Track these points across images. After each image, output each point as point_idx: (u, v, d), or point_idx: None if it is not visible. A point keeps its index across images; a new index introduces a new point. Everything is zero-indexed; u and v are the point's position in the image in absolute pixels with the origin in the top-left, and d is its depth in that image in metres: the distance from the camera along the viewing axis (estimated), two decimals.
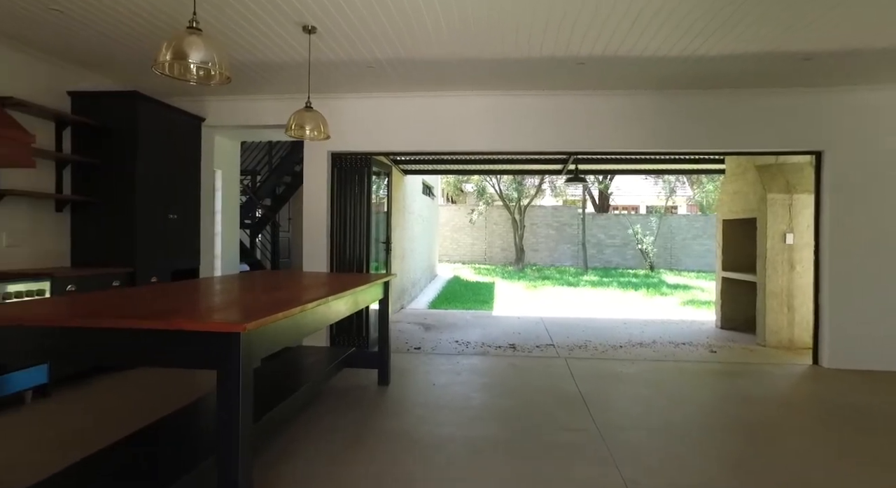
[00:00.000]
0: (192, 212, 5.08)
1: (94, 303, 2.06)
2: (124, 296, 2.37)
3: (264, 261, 9.07)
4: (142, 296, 2.29)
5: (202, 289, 2.69)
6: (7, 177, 3.80)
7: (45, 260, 4.12)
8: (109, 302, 2.10)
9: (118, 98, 4.32)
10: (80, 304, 2.02)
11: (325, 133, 3.44)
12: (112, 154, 4.32)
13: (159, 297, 2.28)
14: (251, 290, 2.72)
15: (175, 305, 2.00)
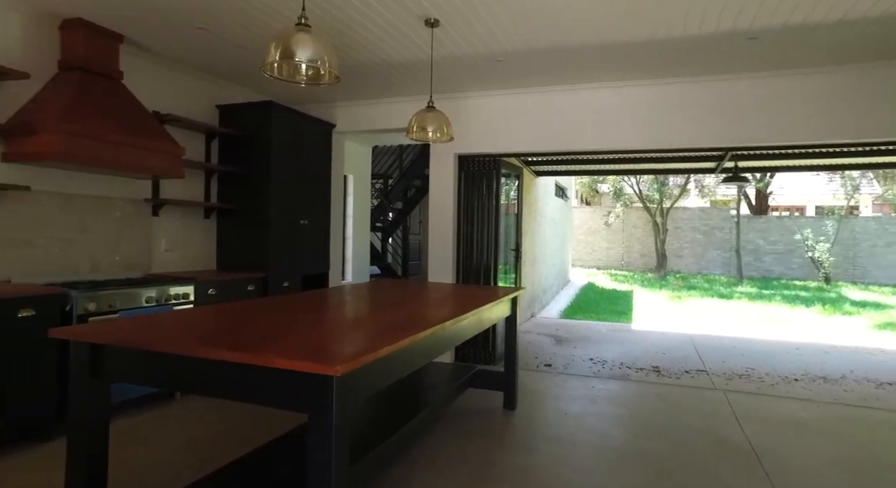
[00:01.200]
0: (322, 217, 5.17)
1: (194, 322, 1.98)
2: (237, 311, 2.29)
3: (395, 264, 9.22)
4: (250, 316, 2.18)
5: (315, 306, 2.56)
6: (165, 188, 4.11)
7: (195, 263, 4.41)
8: (212, 322, 2.01)
9: (255, 108, 4.49)
10: (176, 323, 1.94)
11: (449, 134, 3.18)
12: (250, 162, 4.50)
13: (269, 314, 2.16)
14: (368, 308, 2.53)
15: (275, 330, 1.83)
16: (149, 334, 1.66)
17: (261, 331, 1.78)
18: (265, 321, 2.00)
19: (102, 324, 1.78)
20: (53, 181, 3.35)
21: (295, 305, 2.47)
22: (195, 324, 1.91)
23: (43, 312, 2.79)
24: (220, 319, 2.04)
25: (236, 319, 2.05)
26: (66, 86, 3.20)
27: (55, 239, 3.35)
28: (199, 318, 2.03)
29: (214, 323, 1.96)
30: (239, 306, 2.42)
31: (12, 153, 3.06)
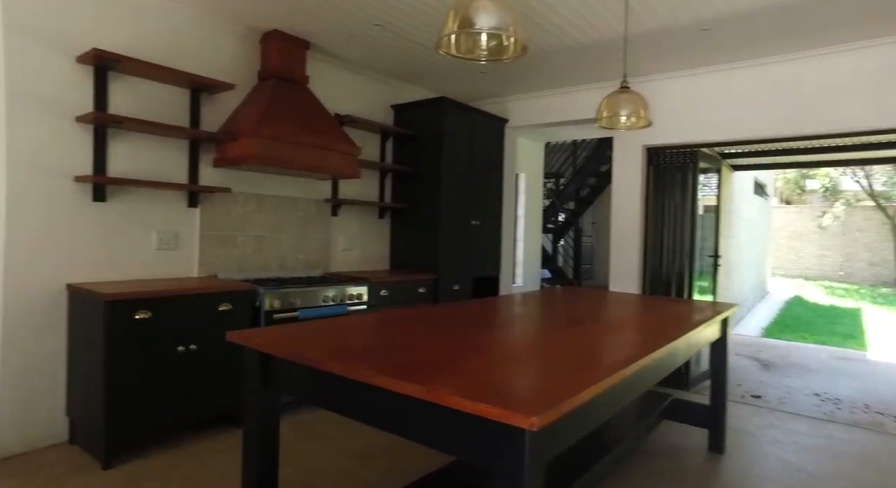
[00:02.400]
0: (493, 218, 4.93)
1: (364, 334, 1.79)
2: (407, 322, 2.09)
3: (566, 267, 8.70)
4: (422, 330, 1.95)
5: (490, 318, 2.26)
6: (343, 189, 4.22)
7: (370, 262, 4.48)
8: (381, 334, 1.81)
9: (428, 105, 4.41)
10: (345, 335, 1.76)
11: (646, 118, 2.66)
12: (422, 161, 4.43)
13: (442, 328, 1.92)
14: (551, 324, 2.16)
15: (449, 352, 1.56)
16: (315, 349, 1.50)
17: (434, 353, 1.52)
18: (439, 337, 1.75)
19: (274, 332, 1.67)
20: (249, 183, 3.58)
21: (468, 316, 2.20)
22: (365, 337, 1.73)
23: (238, 307, 2.94)
24: (389, 332, 1.85)
25: (407, 333, 1.84)
26: (262, 93, 3.39)
27: (251, 237, 3.59)
28: (369, 329, 1.87)
29: (384, 336, 1.76)
30: (409, 315, 2.23)
31: (220, 158, 3.32)
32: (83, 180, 2.76)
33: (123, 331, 2.50)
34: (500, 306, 2.60)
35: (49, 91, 2.69)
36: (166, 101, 3.14)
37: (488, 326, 2.02)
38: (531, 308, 2.59)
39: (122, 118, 2.72)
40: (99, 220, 2.88)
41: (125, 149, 2.97)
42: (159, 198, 3.13)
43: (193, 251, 3.29)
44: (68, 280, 2.78)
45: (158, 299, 2.61)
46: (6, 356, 2.61)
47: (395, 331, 1.83)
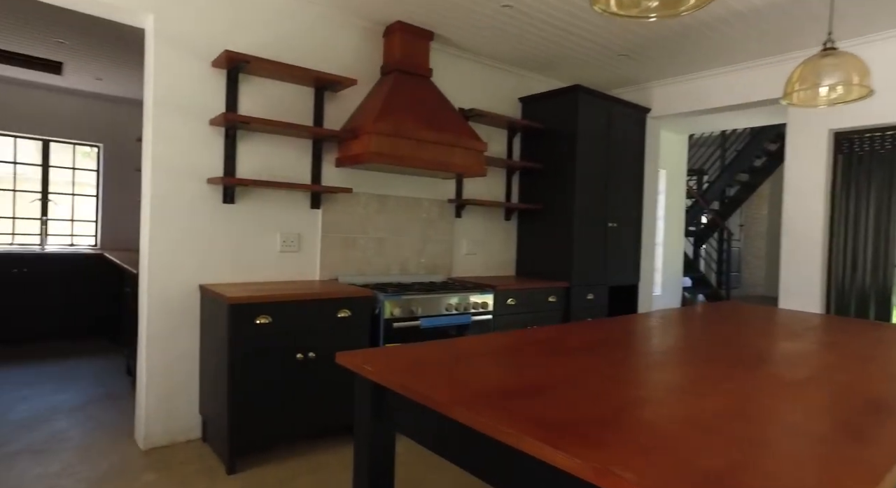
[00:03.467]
0: (632, 219, 4.37)
1: (498, 363, 1.46)
2: (546, 345, 1.72)
3: (708, 273, 7.71)
4: (565, 360, 1.57)
5: (651, 345, 1.81)
6: (467, 188, 3.96)
7: (494, 268, 4.17)
8: (519, 364, 1.46)
9: (560, 96, 3.98)
10: (472, 363, 1.44)
11: (866, 87, 2.01)
12: (553, 157, 4.02)
13: (586, 358, 1.52)
14: (744, 357, 1.67)
15: (606, 398, 1.17)
16: (438, 385, 1.20)
17: (592, 399, 1.14)
18: (594, 373, 1.36)
19: (389, 355, 1.41)
20: (371, 183, 3.45)
21: (622, 340, 1.78)
22: (499, 368, 1.40)
23: (357, 314, 2.78)
24: (528, 362, 1.50)
25: (550, 364, 1.48)
26: (382, 88, 3.23)
27: (372, 239, 3.45)
28: (503, 355, 1.53)
29: (522, 368, 1.42)
30: (549, 338, 1.86)
31: (341, 158, 3.22)
32: (214, 182, 2.77)
33: (245, 335, 2.44)
34: (656, 327, 2.12)
35: (188, 96, 2.73)
36: (291, 100, 3.09)
37: (655, 357, 1.59)
38: (701, 331, 2.08)
39: (251, 118, 2.68)
40: (228, 222, 2.89)
41: (252, 151, 2.96)
42: (283, 200, 3.08)
43: (315, 253, 3.22)
44: (201, 280, 2.81)
45: (278, 304, 2.52)
46: (150, 351, 2.68)
47: (535, 359, 1.48)
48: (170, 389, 2.75)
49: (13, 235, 5.51)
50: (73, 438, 2.84)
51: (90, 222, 5.87)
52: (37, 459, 2.60)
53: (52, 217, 5.67)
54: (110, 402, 3.39)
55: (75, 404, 3.35)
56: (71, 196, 5.77)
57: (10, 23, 3.75)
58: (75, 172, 5.78)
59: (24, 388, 3.63)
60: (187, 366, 2.80)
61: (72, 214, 5.78)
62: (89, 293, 5.24)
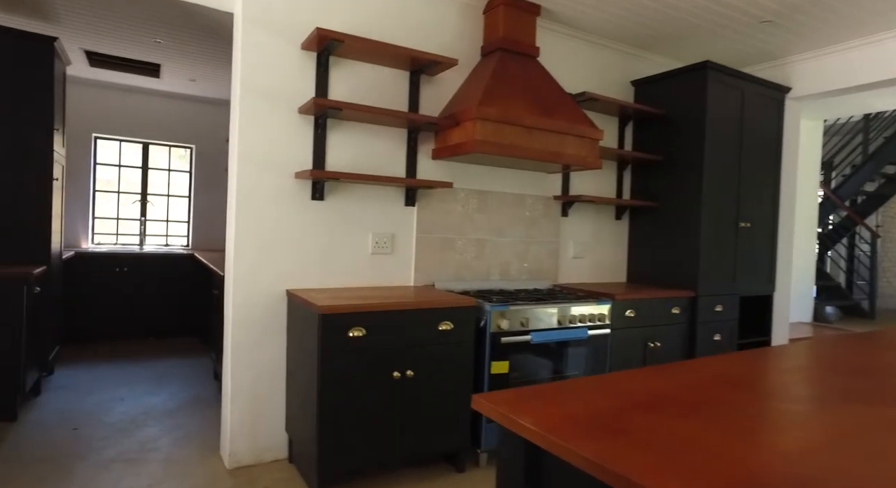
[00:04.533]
0: (767, 218, 3.72)
1: (685, 406, 1.02)
2: (741, 384, 1.26)
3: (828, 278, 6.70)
4: (770, 404, 1.11)
5: (876, 386, 1.29)
6: (574, 183, 3.51)
7: (603, 273, 3.68)
8: (710, 412, 1.02)
9: (683, 76, 3.42)
10: (646, 407, 1.01)
11: None
12: (673, 147, 3.47)
13: (806, 406, 1.05)
14: None
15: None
16: (647, 461, 0.79)
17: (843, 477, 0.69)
18: (828, 435, 0.90)
19: (539, 400, 1.02)
20: (470, 178, 3.09)
21: (828, 379, 1.27)
22: (726, 435, 0.97)
23: (460, 326, 2.42)
24: (726, 409, 1.05)
25: (760, 418, 1.02)
26: (485, 69, 2.86)
27: (471, 241, 3.09)
28: (705, 404, 1.09)
29: (756, 432, 0.98)
30: (736, 372, 1.39)
31: (439, 149, 2.88)
32: (303, 176, 2.51)
33: (337, 349, 2.14)
34: (857, 355, 1.58)
35: (276, 82, 2.50)
36: (384, 85, 2.79)
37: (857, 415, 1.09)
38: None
39: (344, 104, 2.39)
40: (317, 220, 2.63)
41: (341, 142, 2.69)
42: (375, 196, 2.79)
43: (409, 256, 2.90)
44: (288, 285, 2.56)
45: (374, 314, 2.21)
46: (235, 363, 2.47)
47: (732, 407, 1.03)
48: (255, 404, 2.52)
49: (117, 235, 5.68)
50: (163, 448, 2.69)
51: (183, 223, 5.96)
52: (128, 469, 2.46)
53: (150, 218, 5.81)
54: (198, 409, 3.26)
55: (166, 409, 3.24)
56: (166, 197, 5.89)
57: (109, 24, 3.76)
58: (170, 174, 5.89)
59: (122, 388, 3.60)
60: (273, 379, 2.56)
61: (167, 215, 5.90)
62: (182, 293, 5.28)
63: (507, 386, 2.53)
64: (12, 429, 2.89)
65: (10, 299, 2.98)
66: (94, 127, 5.39)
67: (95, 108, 5.36)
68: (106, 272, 4.99)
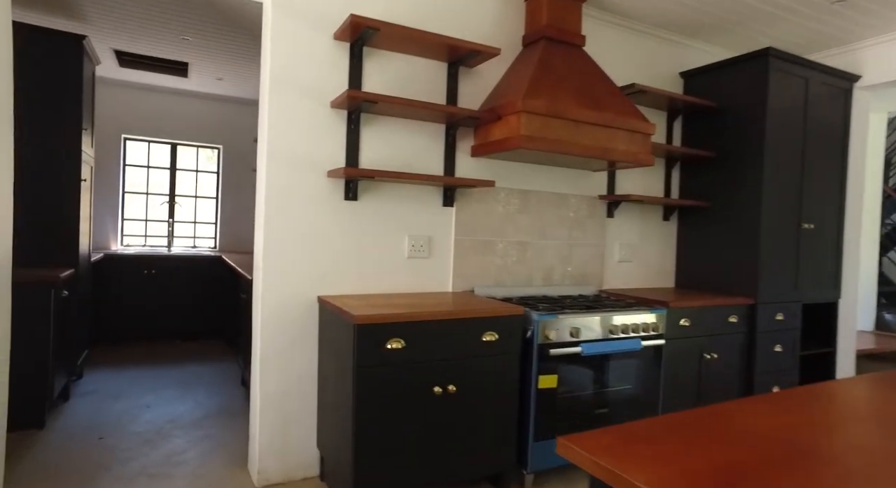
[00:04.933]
0: (832, 219, 3.42)
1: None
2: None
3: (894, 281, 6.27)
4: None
5: None
6: (620, 181, 3.27)
7: (650, 278, 3.44)
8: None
9: (741, 64, 3.16)
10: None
11: None
12: (728, 143, 3.21)
13: None
14: None
15: None
16: None
17: None
18: None
19: (646, 443, 0.81)
20: (510, 176, 2.89)
21: None
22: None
23: (505, 337, 2.23)
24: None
25: None
26: (528, 59, 2.66)
27: (512, 243, 2.89)
28: (825, 439, 0.88)
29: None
30: (834, 396, 1.16)
31: (479, 146, 2.69)
32: (335, 175, 2.35)
33: (374, 362, 1.97)
34: None
35: (307, 75, 2.34)
36: (420, 78, 2.61)
37: None
38: None
39: (380, 96, 2.22)
40: (350, 222, 2.47)
41: (375, 139, 2.52)
42: (411, 196, 2.61)
43: (447, 260, 2.71)
44: (320, 291, 2.40)
45: (413, 325, 2.03)
46: (264, 374, 2.32)
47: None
48: (285, 417, 2.36)
49: (145, 237, 5.65)
50: (189, 462, 2.56)
51: (210, 224, 5.90)
52: (153, 484, 2.33)
53: (177, 219, 5.76)
54: (225, 418, 3.13)
55: (193, 418, 3.12)
56: (193, 198, 5.83)
57: (137, 22, 3.67)
58: (198, 175, 5.83)
59: (148, 394, 3.50)
60: (304, 391, 2.40)
61: (194, 216, 5.84)
62: (208, 295, 5.21)
63: (554, 401, 2.33)
64: (40, 437, 2.80)
65: (38, 304, 2.90)
66: (124, 128, 5.35)
67: (124, 108, 5.33)
68: (134, 274, 4.94)
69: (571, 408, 2.38)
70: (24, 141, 3.14)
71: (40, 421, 2.94)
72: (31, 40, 3.17)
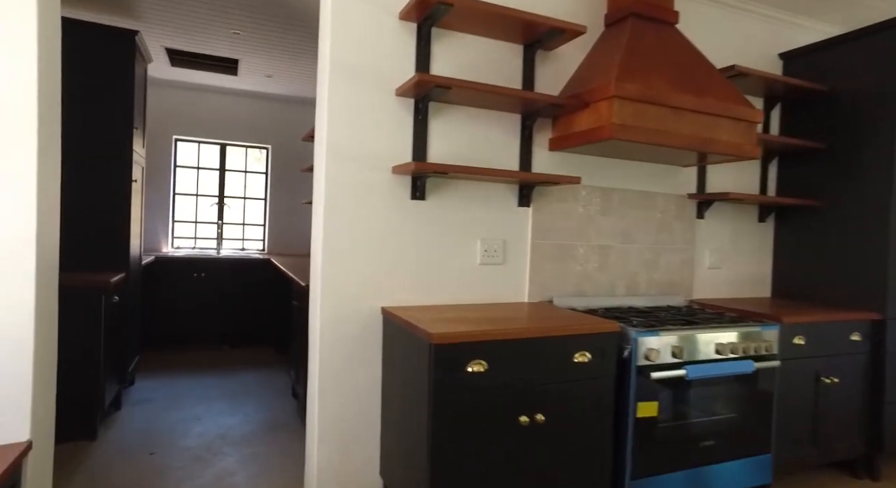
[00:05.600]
0: None
1: None
2: None
3: None
4: None
5: None
6: (711, 177, 2.90)
7: (740, 288, 3.04)
8: None
9: (863, 40, 2.73)
10: None
11: None
12: (843, 132, 2.79)
13: None
14: None
15: None
16: None
17: None
18: None
19: None
20: (592, 172, 2.57)
21: None
22: None
23: (599, 357, 1.92)
24: None
25: None
26: (615, 39, 2.34)
27: (594, 248, 2.57)
28: None
29: None
30: None
31: (559, 138, 2.39)
32: (403, 171, 2.09)
33: (453, 387, 1.69)
34: None
35: (370, 59, 2.10)
36: (493, 62, 2.33)
37: None
38: None
39: (454, 81, 1.95)
40: (418, 223, 2.21)
41: (444, 131, 2.25)
42: (483, 195, 2.33)
43: (523, 266, 2.42)
44: (383, 300, 2.15)
45: (497, 344, 1.74)
46: (322, 393, 2.08)
47: None
48: (345, 441, 2.12)
49: (195, 239, 5.58)
50: (239, 485, 2.36)
51: (258, 226, 5.79)
52: None
53: (227, 221, 5.67)
54: (277, 435, 2.93)
55: (243, 433, 2.94)
56: (242, 199, 5.74)
57: (187, 17, 3.54)
58: (246, 176, 5.74)
59: (198, 405, 3.35)
60: (366, 412, 2.15)
61: (243, 218, 5.74)
62: (256, 299, 5.08)
63: (654, 433, 2.00)
64: (91, 450, 2.67)
65: (88, 311, 2.77)
66: (175, 129, 5.30)
67: (176, 109, 5.27)
68: (184, 277, 4.86)
69: (672, 441, 2.05)
70: (75, 139, 3.03)
71: (92, 433, 2.82)
72: (82, 37, 3.06)
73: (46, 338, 1.67)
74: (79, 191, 3.08)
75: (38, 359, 1.58)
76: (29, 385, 1.56)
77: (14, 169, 1.53)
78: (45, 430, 1.69)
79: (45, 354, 1.65)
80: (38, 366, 1.59)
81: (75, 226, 3.04)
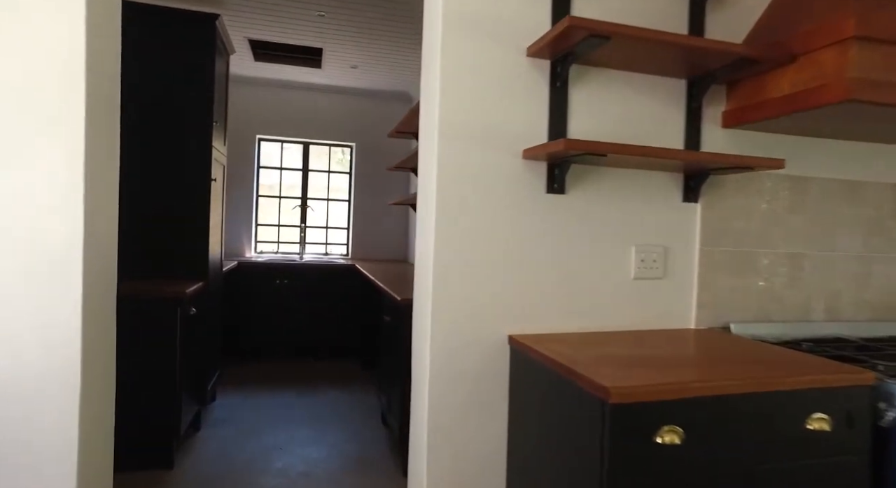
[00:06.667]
0: None
1: None
2: None
3: None
4: None
5: None
6: None
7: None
8: None
9: None
10: None
11: None
12: None
13: None
14: None
15: None
16: None
17: None
18: None
19: None
20: (776, 155, 1.91)
21: None
22: None
23: (841, 423, 1.28)
24: None
25: None
26: None
27: (780, 257, 1.92)
28: None
29: None
30: None
31: (740, 109, 1.77)
32: (536, 155, 1.57)
33: (635, 468, 1.14)
34: None
35: (492, 8, 1.60)
36: (650, 10, 1.75)
37: None
38: None
39: (614, 27, 1.40)
40: (555, 225, 1.67)
41: (587, 103, 1.70)
42: (637, 186, 1.76)
43: (689, 281, 1.82)
44: (510, 327, 1.64)
45: (696, 403, 1.17)
46: (433, 451, 1.59)
47: None
48: None
49: (278, 244, 5.37)
50: None
51: (342, 229, 5.49)
52: None
53: (310, 224, 5.42)
54: (368, 476, 2.50)
55: (329, 470, 2.54)
56: (326, 201, 5.46)
57: (272, 3, 3.23)
58: (329, 176, 5.46)
59: (281, 432, 3.00)
60: (488, 475, 1.64)
61: (326, 221, 5.47)
62: (341, 309, 4.75)
63: None
64: (167, 481, 2.37)
65: (161, 326, 2.48)
66: (259, 128, 5.11)
67: (259, 107, 5.08)
68: (266, 284, 4.62)
69: None
70: (148, 133, 2.77)
71: (168, 461, 2.53)
72: (160, 22, 2.80)
73: (101, 373, 1.30)
74: (151, 190, 2.81)
75: (85, 408, 1.21)
76: (74, 442, 1.19)
77: (54, 147, 1.16)
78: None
79: (97, 398, 1.28)
80: (84, 420, 1.21)
81: (146, 229, 2.78)
